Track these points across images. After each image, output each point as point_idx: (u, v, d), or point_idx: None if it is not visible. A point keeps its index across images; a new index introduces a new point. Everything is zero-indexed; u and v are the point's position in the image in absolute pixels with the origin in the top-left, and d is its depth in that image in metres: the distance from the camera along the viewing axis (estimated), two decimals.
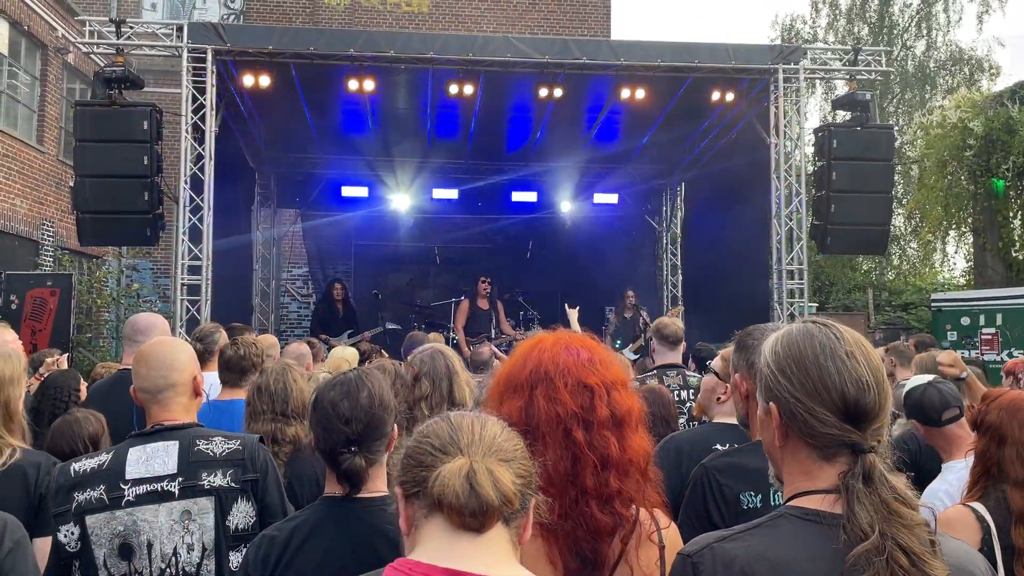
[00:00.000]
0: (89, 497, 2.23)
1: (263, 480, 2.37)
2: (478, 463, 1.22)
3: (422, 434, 1.32)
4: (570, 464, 1.59)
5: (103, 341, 13.80)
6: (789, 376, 1.36)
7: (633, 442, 1.64)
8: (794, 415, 1.34)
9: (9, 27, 12.23)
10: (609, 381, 1.67)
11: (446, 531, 1.22)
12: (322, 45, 8.83)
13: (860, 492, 1.26)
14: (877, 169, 9.25)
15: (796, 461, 1.37)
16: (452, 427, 1.30)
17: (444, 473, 1.22)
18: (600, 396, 1.63)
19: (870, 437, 1.31)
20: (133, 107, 8.49)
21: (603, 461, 1.60)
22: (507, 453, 1.27)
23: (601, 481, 1.59)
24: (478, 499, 1.19)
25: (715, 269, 11.97)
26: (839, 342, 1.35)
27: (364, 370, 2.25)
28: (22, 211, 12.33)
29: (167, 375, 2.42)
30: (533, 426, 1.60)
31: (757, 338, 2.31)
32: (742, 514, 2.21)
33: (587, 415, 1.62)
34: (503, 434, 1.31)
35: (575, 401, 1.62)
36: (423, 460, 1.27)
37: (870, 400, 1.31)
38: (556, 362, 1.66)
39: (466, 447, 1.25)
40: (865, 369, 1.33)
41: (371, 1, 16.86)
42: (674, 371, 4.77)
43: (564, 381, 1.64)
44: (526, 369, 1.68)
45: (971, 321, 11.99)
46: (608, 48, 9.40)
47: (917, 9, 24.68)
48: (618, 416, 1.64)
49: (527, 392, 1.65)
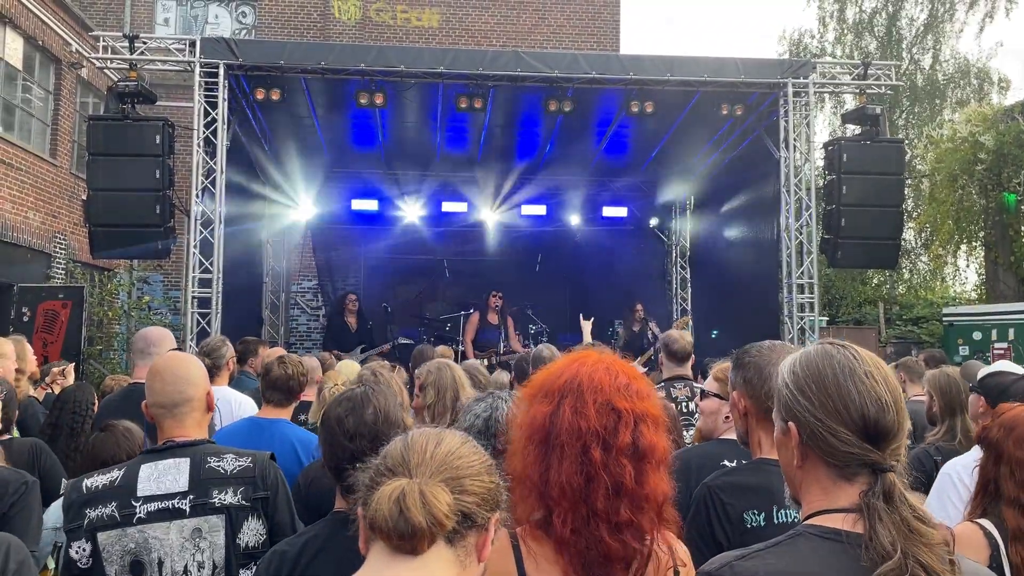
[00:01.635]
0: (101, 514, 2.23)
1: (273, 498, 2.37)
2: (411, 485, 1.21)
3: (381, 454, 1.32)
4: (583, 482, 1.58)
5: (113, 353, 13.85)
6: (809, 396, 1.37)
7: (651, 478, 1.61)
8: (814, 434, 1.35)
9: (24, 42, 12.37)
10: (640, 411, 1.65)
11: (384, 554, 1.23)
12: (333, 60, 8.88)
13: (881, 511, 1.26)
14: (888, 183, 9.22)
15: (815, 480, 1.38)
16: (406, 446, 1.30)
17: (377, 497, 1.22)
18: (626, 422, 1.61)
19: (890, 456, 1.32)
20: (145, 121, 8.56)
21: (616, 487, 1.58)
22: (460, 471, 1.26)
23: (612, 507, 1.58)
24: (406, 522, 1.19)
25: (724, 283, 11.94)
26: (858, 362, 1.37)
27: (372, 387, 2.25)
28: (35, 224, 12.43)
29: (183, 390, 2.43)
30: (555, 434, 1.61)
31: (754, 356, 2.32)
32: (746, 533, 2.20)
33: (609, 437, 1.60)
34: (460, 449, 1.30)
35: (600, 420, 1.61)
36: (377, 481, 1.27)
37: (890, 419, 1.32)
38: (592, 378, 1.65)
39: (415, 467, 1.25)
40: (884, 389, 1.34)
41: (382, 16, 16.99)
42: (682, 383, 4.75)
43: (594, 398, 1.63)
44: (562, 378, 1.68)
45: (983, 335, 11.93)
46: (618, 63, 9.43)
47: (924, 22, 24.69)
48: (640, 448, 1.61)
49: (557, 400, 1.65)
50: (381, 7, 17.04)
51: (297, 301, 15.56)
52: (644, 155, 11.93)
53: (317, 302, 15.51)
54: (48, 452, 3.60)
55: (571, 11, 17.43)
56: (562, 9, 17.41)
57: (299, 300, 15.62)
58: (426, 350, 5.67)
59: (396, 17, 17.00)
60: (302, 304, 15.69)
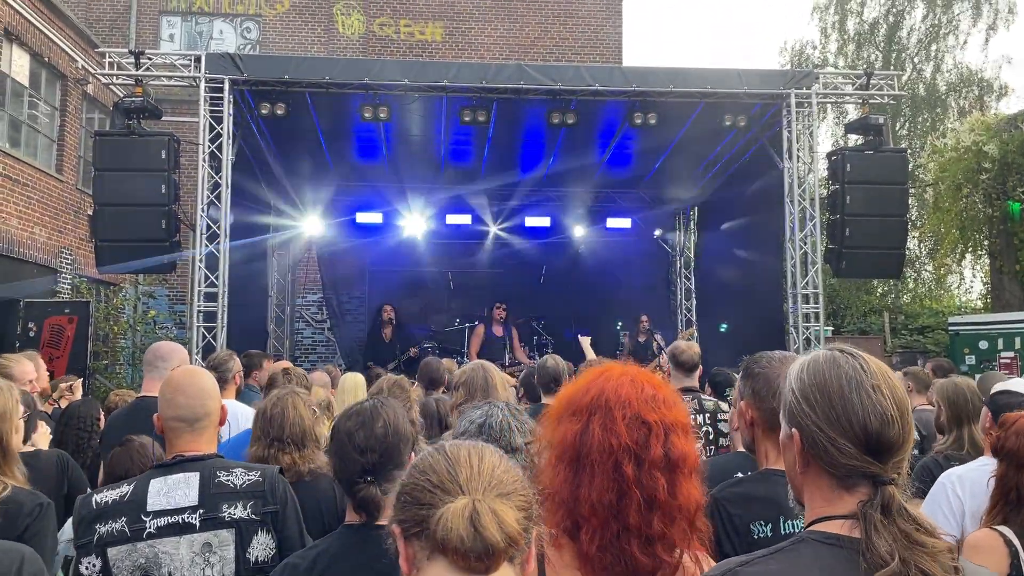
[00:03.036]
0: (111, 529, 2.24)
1: (283, 512, 2.38)
2: (480, 503, 1.19)
3: (418, 469, 1.28)
4: (615, 498, 1.56)
5: (119, 368, 13.87)
6: (813, 404, 1.36)
7: (683, 488, 1.60)
8: (816, 443, 1.35)
9: (30, 59, 12.46)
10: (669, 422, 1.63)
11: (450, 573, 1.18)
12: (337, 74, 8.93)
13: (878, 522, 1.26)
14: (891, 193, 9.22)
15: (816, 488, 1.38)
16: (449, 461, 1.26)
17: (447, 515, 1.18)
18: (657, 435, 1.60)
19: (891, 469, 1.32)
20: (151, 136, 8.62)
21: (649, 501, 1.57)
22: (507, 486, 1.24)
23: (645, 521, 1.56)
24: (483, 542, 1.16)
25: (729, 293, 11.94)
26: (865, 374, 1.36)
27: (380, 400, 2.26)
28: (41, 239, 12.48)
29: (205, 403, 2.44)
30: (584, 453, 1.59)
31: (763, 366, 2.32)
32: (753, 544, 2.19)
33: (640, 451, 1.59)
34: (501, 465, 1.28)
35: (630, 435, 1.59)
36: (422, 498, 1.23)
37: (893, 434, 1.32)
38: (618, 393, 1.64)
39: (465, 483, 1.22)
40: (890, 402, 1.33)
41: (385, 30, 17.09)
42: (689, 395, 4.73)
43: (623, 413, 1.61)
44: (588, 395, 1.66)
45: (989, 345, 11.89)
46: (620, 75, 9.46)
47: (925, 32, 24.77)
48: (672, 459, 1.60)
49: (585, 418, 1.63)
50: (385, 21, 17.14)
51: (302, 314, 15.58)
52: (648, 166, 11.96)
53: (322, 315, 15.53)
54: (74, 464, 3.60)
55: (573, 24, 17.51)
56: (564, 22, 17.50)
57: (304, 313, 15.64)
58: (431, 362, 5.67)
59: (400, 31, 17.10)
60: (307, 317, 15.71)
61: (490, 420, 2.26)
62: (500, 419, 2.25)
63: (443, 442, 1.36)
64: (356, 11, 16.94)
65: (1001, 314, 12.98)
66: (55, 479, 3.34)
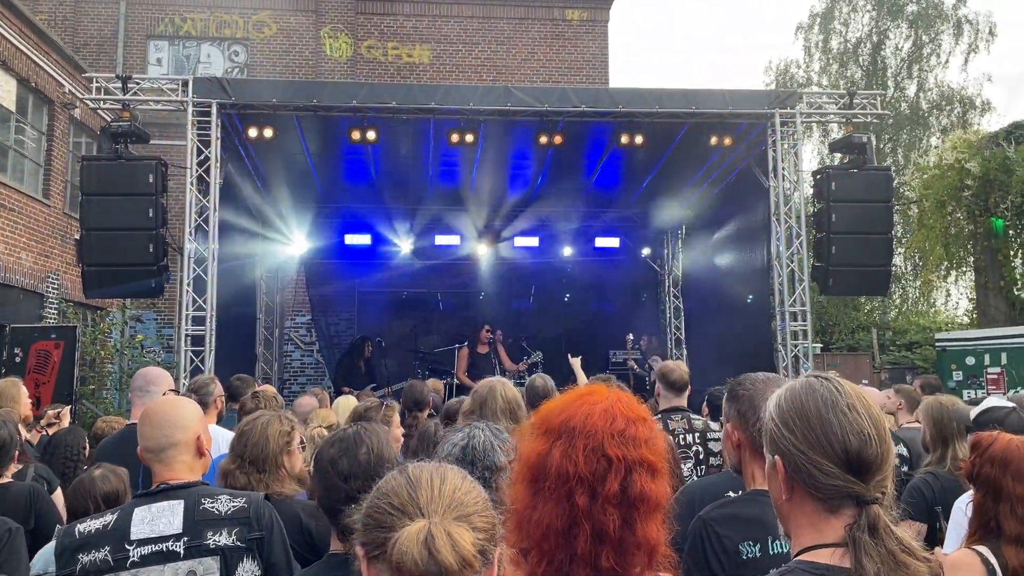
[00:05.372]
0: (94, 558, 2.21)
1: (269, 538, 2.35)
2: (436, 527, 1.19)
3: (381, 492, 1.29)
4: (565, 526, 1.53)
5: (107, 393, 13.75)
6: (792, 429, 1.39)
7: (640, 526, 1.55)
8: (799, 467, 1.37)
9: (17, 84, 12.45)
10: (633, 459, 1.57)
11: None
12: (325, 97, 8.96)
13: (866, 544, 1.27)
14: (876, 211, 9.30)
15: (803, 514, 1.39)
16: (411, 483, 1.27)
17: (402, 539, 1.18)
18: (616, 470, 1.55)
19: (874, 488, 1.33)
20: (139, 160, 8.60)
21: (599, 534, 1.52)
22: (467, 507, 1.25)
23: (594, 552, 1.52)
24: (437, 565, 1.16)
25: (717, 312, 11.98)
26: (840, 395, 1.39)
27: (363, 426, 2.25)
28: (27, 264, 12.41)
29: (169, 434, 2.42)
30: (543, 476, 1.57)
31: (748, 388, 2.34)
32: (742, 565, 2.20)
33: (596, 484, 1.54)
34: (463, 486, 1.29)
35: (588, 466, 1.55)
36: (383, 521, 1.24)
37: (872, 452, 1.34)
38: (586, 422, 1.59)
39: (425, 505, 1.23)
40: (867, 422, 1.36)
41: (373, 53, 17.18)
42: (679, 414, 4.75)
43: (585, 443, 1.57)
44: (560, 417, 1.63)
45: (976, 360, 11.96)
46: (607, 96, 9.54)
47: (908, 52, 25.12)
48: (630, 496, 1.55)
49: (551, 440, 1.60)
50: (372, 44, 17.25)
51: (291, 337, 15.52)
52: (635, 186, 12.03)
53: (311, 337, 15.47)
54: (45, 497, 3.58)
55: (560, 46, 17.67)
56: (551, 44, 17.65)
57: (293, 336, 15.59)
58: (416, 384, 5.66)
59: (387, 53, 17.21)
60: (296, 340, 15.65)
61: (472, 441, 2.27)
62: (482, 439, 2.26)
63: (407, 464, 1.36)
64: (343, 34, 17.04)
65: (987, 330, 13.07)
66: (22, 513, 3.31)
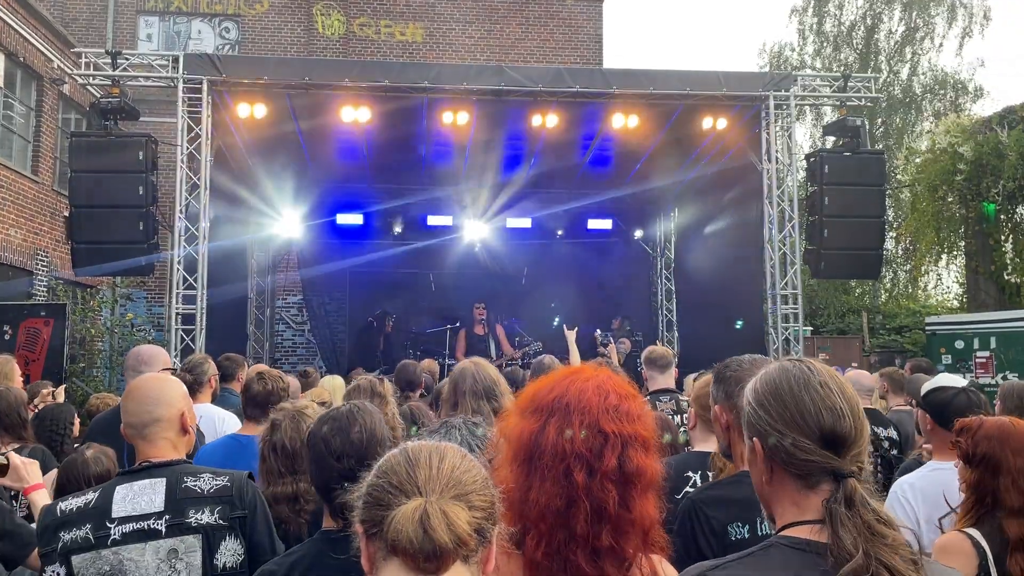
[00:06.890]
0: (75, 536, 2.21)
1: (251, 517, 2.35)
2: (432, 505, 1.21)
3: (381, 470, 1.30)
4: (564, 505, 1.53)
5: (96, 371, 13.73)
6: (768, 409, 1.42)
7: (637, 503, 1.56)
8: (776, 447, 1.40)
9: (5, 59, 12.31)
10: (628, 434, 1.58)
11: (403, 574, 1.21)
12: (317, 75, 8.89)
13: (843, 516, 1.30)
14: (869, 194, 9.31)
15: (784, 493, 1.42)
16: (410, 462, 1.28)
17: (398, 517, 1.21)
18: (613, 446, 1.56)
19: (850, 462, 1.37)
20: (128, 137, 8.53)
21: (598, 512, 1.53)
22: (465, 486, 1.26)
23: (593, 532, 1.52)
24: (432, 543, 1.18)
25: (709, 294, 11.99)
26: (813, 374, 1.43)
27: (356, 404, 2.24)
28: (16, 241, 12.33)
29: (152, 410, 2.40)
30: (538, 455, 1.57)
31: (734, 370, 2.36)
32: (731, 546, 2.21)
33: (593, 460, 1.54)
34: (462, 465, 1.30)
35: (585, 442, 1.56)
36: (381, 499, 1.26)
37: (846, 426, 1.38)
38: (580, 398, 1.60)
39: (423, 484, 1.24)
40: (839, 398, 1.40)
41: (365, 31, 17.03)
42: (667, 396, 4.80)
43: (581, 419, 1.57)
44: (551, 395, 1.63)
45: (965, 344, 12.02)
46: (601, 76, 9.49)
47: (902, 35, 25.04)
48: (626, 472, 1.56)
49: (543, 418, 1.60)
50: (365, 22, 17.09)
51: (282, 316, 15.49)
52: (628, 168, 11.98)
53: (302, 317, 15.45)
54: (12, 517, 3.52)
55: (554, 26, 17.54)
56: (545, 24, 17.52)
57: (284, 315, 15.56)
58: (408, 364, 5.66)
59: (380, 32, 17.05)
60: (287, 319, 15.63)
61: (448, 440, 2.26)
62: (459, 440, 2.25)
63: (407, 443, 1.37)
64: (336, 11, 16.87)
65: (977, 314, 13.13)
66: None
